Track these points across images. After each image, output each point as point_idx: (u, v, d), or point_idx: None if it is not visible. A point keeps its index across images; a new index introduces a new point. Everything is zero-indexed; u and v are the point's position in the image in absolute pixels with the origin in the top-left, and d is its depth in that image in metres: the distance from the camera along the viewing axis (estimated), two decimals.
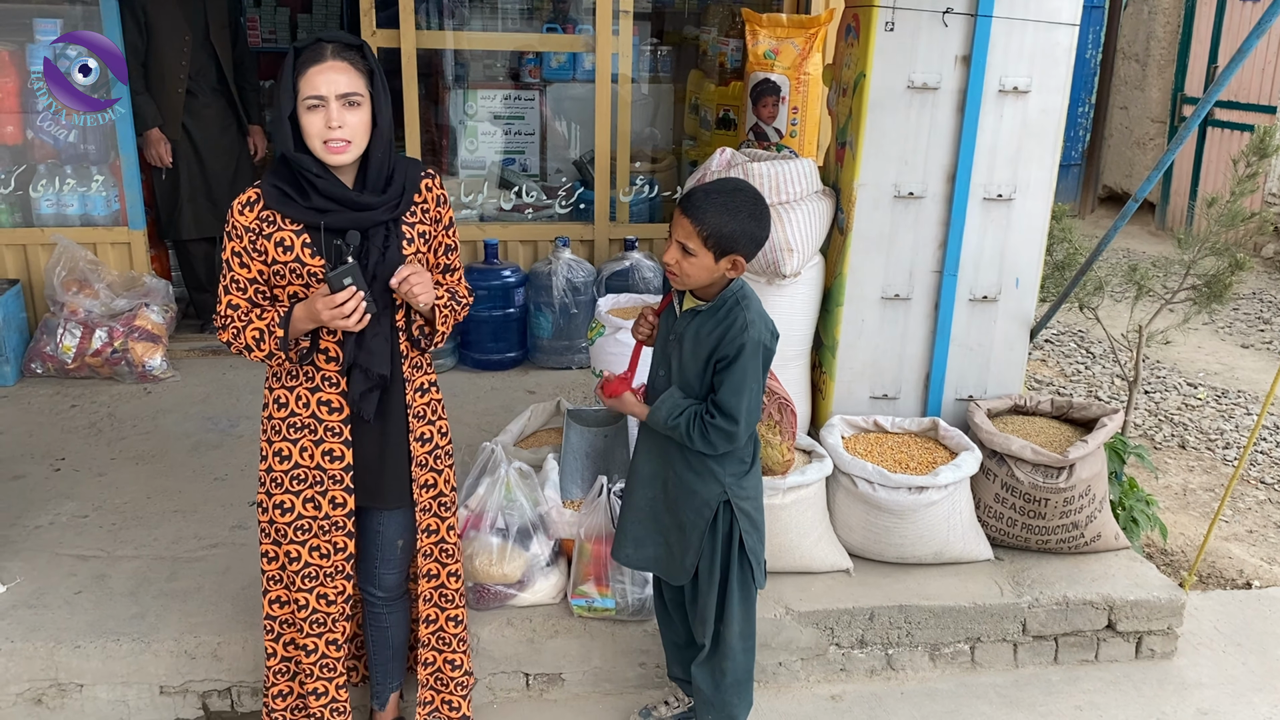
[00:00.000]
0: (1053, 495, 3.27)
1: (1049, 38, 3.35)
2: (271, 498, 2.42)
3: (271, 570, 2.52)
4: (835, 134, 3.66)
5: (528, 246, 5.31)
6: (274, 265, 2.25)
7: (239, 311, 2.29)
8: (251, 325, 2.28)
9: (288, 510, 2.42)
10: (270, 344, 2.27)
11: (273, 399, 2.38)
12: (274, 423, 2.39)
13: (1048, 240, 3.57)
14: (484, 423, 4.34)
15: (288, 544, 2.44)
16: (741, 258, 2.34)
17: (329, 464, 2.39)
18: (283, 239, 2.24)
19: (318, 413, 2.36)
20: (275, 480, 2.41)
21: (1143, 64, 10.20)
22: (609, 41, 5.13)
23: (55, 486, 3.73)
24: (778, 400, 2.54)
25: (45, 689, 2.87)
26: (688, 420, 2.38)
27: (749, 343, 2.34)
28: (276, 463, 2.40)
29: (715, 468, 2.45)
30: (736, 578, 2.54)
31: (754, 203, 2.34)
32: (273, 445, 2.39)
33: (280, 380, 2.37)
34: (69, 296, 4.67)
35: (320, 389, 2.35)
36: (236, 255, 2.26)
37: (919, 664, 3.20)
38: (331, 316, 2.19)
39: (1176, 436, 5.17)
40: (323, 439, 2.38)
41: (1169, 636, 3.30)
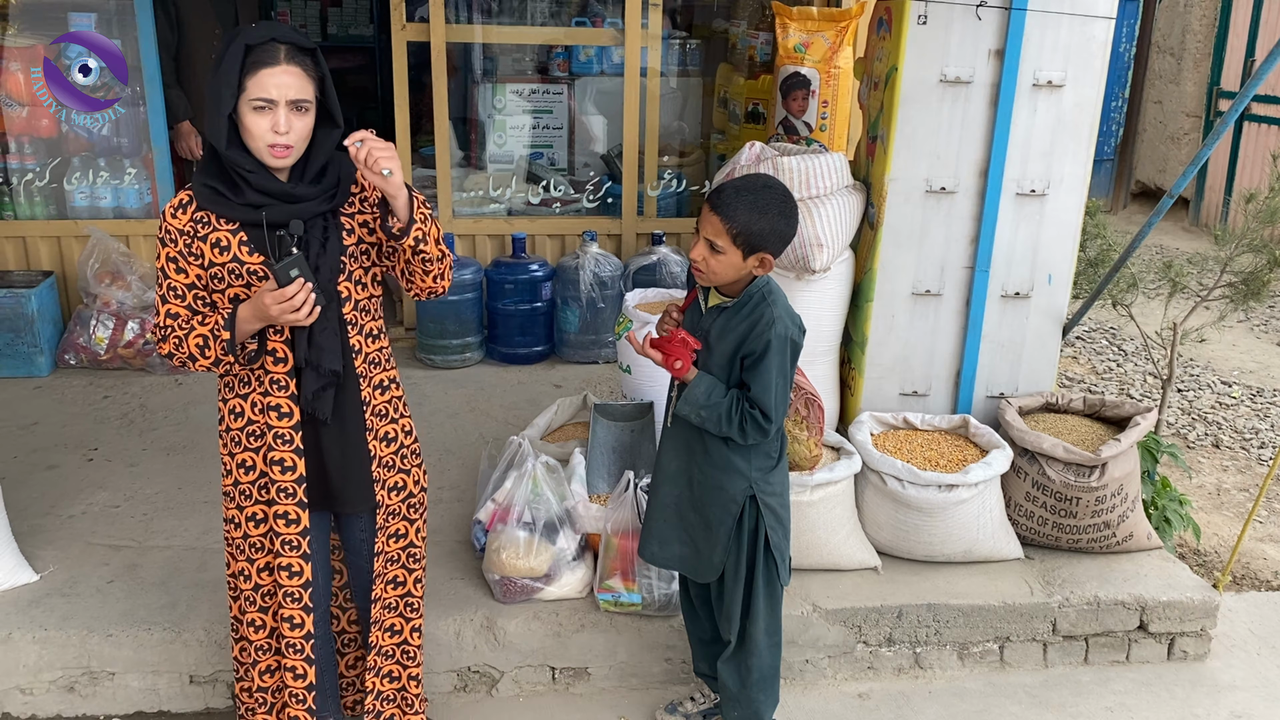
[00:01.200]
0: (1084, 494, 3.23)
1: (1084, 31, 3.30)
2: (243, 511, 2.32)
3: (246, 589, 2.39)
4: (866, 128, 3.63)
5: (555, 241, 5.31)
6: (211, 268, 2.16)
7: (179, 320, 2.18)
8: (194, 333, 2.16)
9: (261, 521, 2.32)
10: (216, 350, 2.15)
11: (228, 409, 2.28)
12: (233, 434, 2.28)
13: (1080, 236, 3.53)
14: (510, 416, 4.35)
15: (264, 557, 2.35)
16: (770, 255, 2.32)
17: (278, 474, 2.26)
18: (218, 239, 2.14)
19: (269, 420, 2.24)
20: (244, 493, 2.30)
21: (1178, 58, 10.06)
22: (638, 35, 5.12)
23: (88, 476, 3.78)
24: (804, 395, 2.52)
25: (78, 677, 2.90)
26: (730, 402, 2.35)
27: (775, 338, 2.32)
28: (242, 474, 2.29)
29: (741, 463, 2.44)
30: (762, 574, 2.53)
31: (783, 200, 2.32)
32: (235, 457, 2.29)
33: (233, 389, 2.27)
34: (102, 288, 4.72)
35: (270, 393, 2.23)
36: (172, 261, 2.15)
37: (947, 663, 3.18)
38: (281, 311, 2.09)
39: (1210, 435, 5.10)
40: (272, 448, 2.25)
41: (1202, 638, 3.25)
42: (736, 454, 2.43)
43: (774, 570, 2.53)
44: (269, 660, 2.46)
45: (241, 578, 2.39)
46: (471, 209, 5.32)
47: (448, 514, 3.53)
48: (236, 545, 2.38)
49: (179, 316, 2.18)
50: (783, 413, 2.39)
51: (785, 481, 2.53)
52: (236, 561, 2.39)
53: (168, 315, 2.19)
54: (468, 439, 4.14)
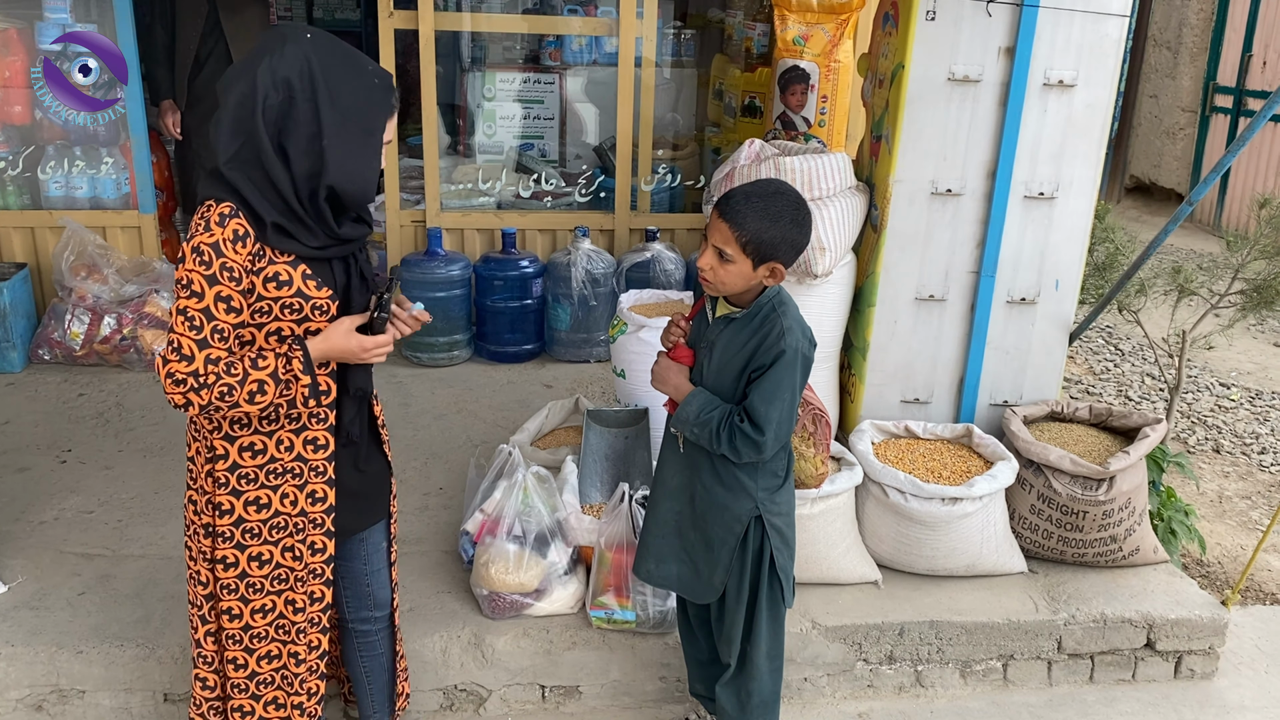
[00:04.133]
0: (1091, 508, 3.14)
1: (1097, 29, 3.19)
2: (245, 550, 2.17)
3: (233, 629, 2.24)
4: (870, 127, 3.52)
5: (546, 235, 5.18)
6: (259, 302, 2.00)
7: (220, 365, 1.95)
8: (249, 379, 1.97)
9: (265, 562, 2.19)
10: (275, 394, 2.00)
11: (237, 447, 2.10)
12: (244, 470, 2.11)
13: (1089, 240, 3.42)
14: (499, 418, 4.23)
15: (262, 598, 2.22)
16: (781, 265, 2.21)
17: (311, 507, 2.18)
18: (276, 273, 1.99)
19: (303, 454, 2.14)
20: (249, 531, 2.16)
21: (1174, 52, 9.96)
22: (633, 24, 4.98)
23: (61, 479, 3.64)
24: (812, 411, 2.41)
25: (46, 695, 2.78)
26: (720, 418, 2.24)
27: (787, 350, 2.21)
28: (251, 512, 2.14)
29: (747, 481, 2.33)
30: (765, 596, 2.42)
31: (796, 208, 2.20)
32: (241, 496, 2.13)
33: (249, 426, 2.10)
34: (77, 281, 4.57)
35: (307, 428, 2.13)
36: (224, 300, 1.94)
37: (949, 681, 3.08)
38: (373, 356, 2.09)
39: (1210, 440, 5.02)
40: (307, 481, 2.16)
41: (1210, 656, 3.17)
42: (743, 471, 2.32)
43: (778, 592, 2.42)
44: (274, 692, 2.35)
45: (228, 616, 2.23)
46: (460, 202, 5.19)
47: (434, 522, 3.42)
48: (226, 587, 2.20)
49: (220, 361, 1.96)
50: (785, 431, 2.27)
51: (792, 501, 2.42)
52: (225, 600, 2.22)
53: (208, 361, 1.94)
54: (455, 441, 4.01)
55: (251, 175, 1.96)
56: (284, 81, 1.92)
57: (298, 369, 2.02)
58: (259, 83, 1.92)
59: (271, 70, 1.92)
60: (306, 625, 2.28)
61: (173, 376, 1.93)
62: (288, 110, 1.94)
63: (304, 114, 1.94)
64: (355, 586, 2.40)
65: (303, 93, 1.93)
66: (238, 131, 1.95)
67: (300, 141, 1.95)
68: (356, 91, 1.98)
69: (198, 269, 1.93)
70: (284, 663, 2.31)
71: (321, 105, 1.94)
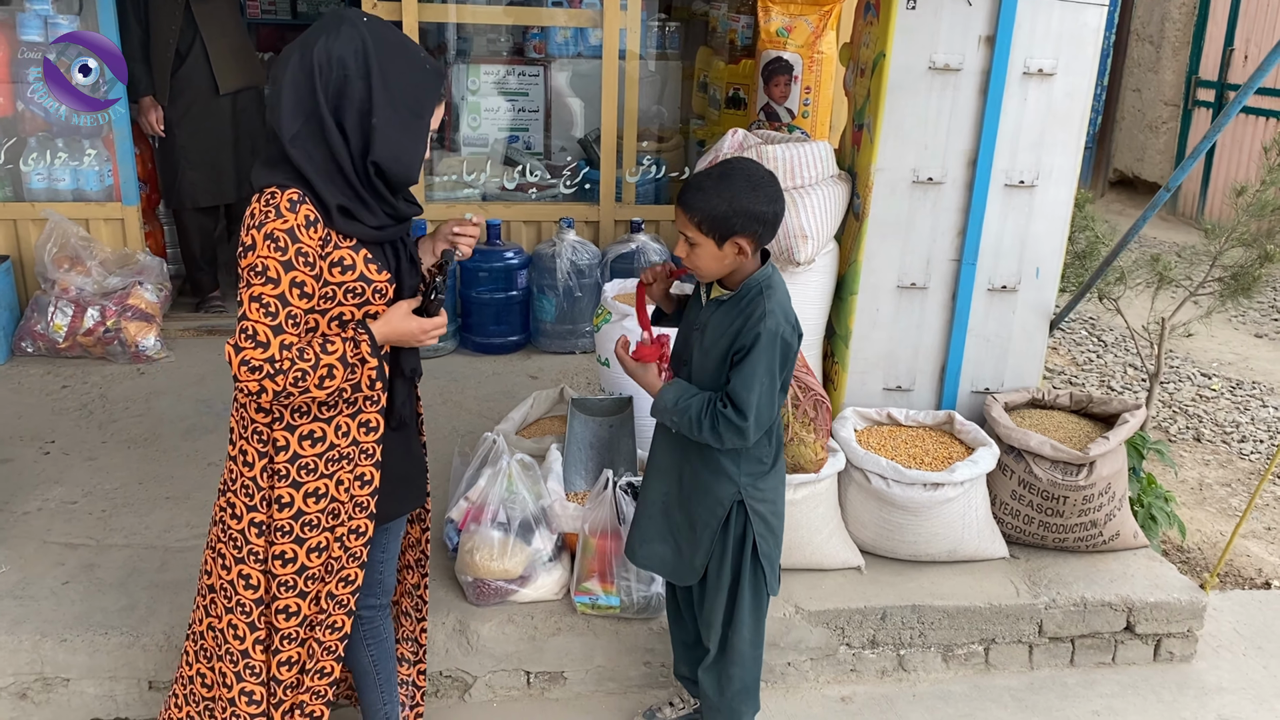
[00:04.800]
0: (1072, 493, 3.17)
1: (1077, 18, 3.22)
2: (304, 544, 2.15)
3: (289, 628, 2.21)
4: (852, 116, 3.54)
5: (531, 227, 5.19)
6: (325, 287, 2.02)
7: (293, 351, 1.96)
8: (320, 363, 1.98)
9: (323, 551, 2.18)
10: (342, 378, 2.01)
11: (297, 436, 2.09)
12: (305, 460, 2.10)
13: (1070, 229, 3.45)
14: (484, 408, 4.24)
15: (317, 586, 2.20)
16: (746, 240, 2.20)
17: (359, 491, 2.18)
18: (341, 258, 2.02)
19: (357, 437, 2.15)
20: (309, 523, 2.14)
21: (1157, 46, 10.02)
22: (617, 16, 4.99)
23: (44, 470, 3.63)
24: (814, 397, 2.42)
25: (30, 683, 2.78)
26: (700, 405, 2.24)
27: (764, 333, 2.21)
28: (310, 504, 2.13)
29: (730, 466, 2.34)
30: (748, 582, 2.43)
31: (748, 178, 2.20)
32: (302, 487, 2.11)
33: (308, 414, 2.09)
34: (60, 274, 4.56)
35: (362, 410, 2.14)
36: (298, 286, 1.95)
37: (932, 665, 3.11)
38: (430, 338, 2.13)
39: (1191, 429, 5.07)
40: (358, 465, 2.17)
41: (1189, 639, 3.21)
42: (725, 457, 2.33)
43: (761, 579, 2.44)
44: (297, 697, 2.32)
45: (285, 614, 2.20)
46: (445, 193, 5.19)
47: None
48: (283, 583, 2.17)
49: (292, 346, 1.96)
50: (767, 415, 2.27)
51: (779, 489, 2.43)
52: (283, 597, 2.18)
53: (282, 347, 1.94)
54: (440, 432, 4.02)
55: (314, 155, 1.98)
56: (339, 60, 1.95)
57: (365, 352, 2.04)
58: (316, 61, 1.95)
59: (327, 49, 1.95)
60: (334, 608, 2.26)
61: (248, 363, 1.93)
62: (342, 88, 1.96)
63: (357, 91, 1.97)
64: (369, 573, 2.35)
65: (357, 71, 1.96)
66: (298, 111, 1.97)
67: (353, 119, 1.98)
68: (408, 74, 2.01)
69: (273, 255, 1.93)
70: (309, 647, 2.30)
71: (374, 84, 1.97)
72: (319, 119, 1.96)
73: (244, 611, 2.18)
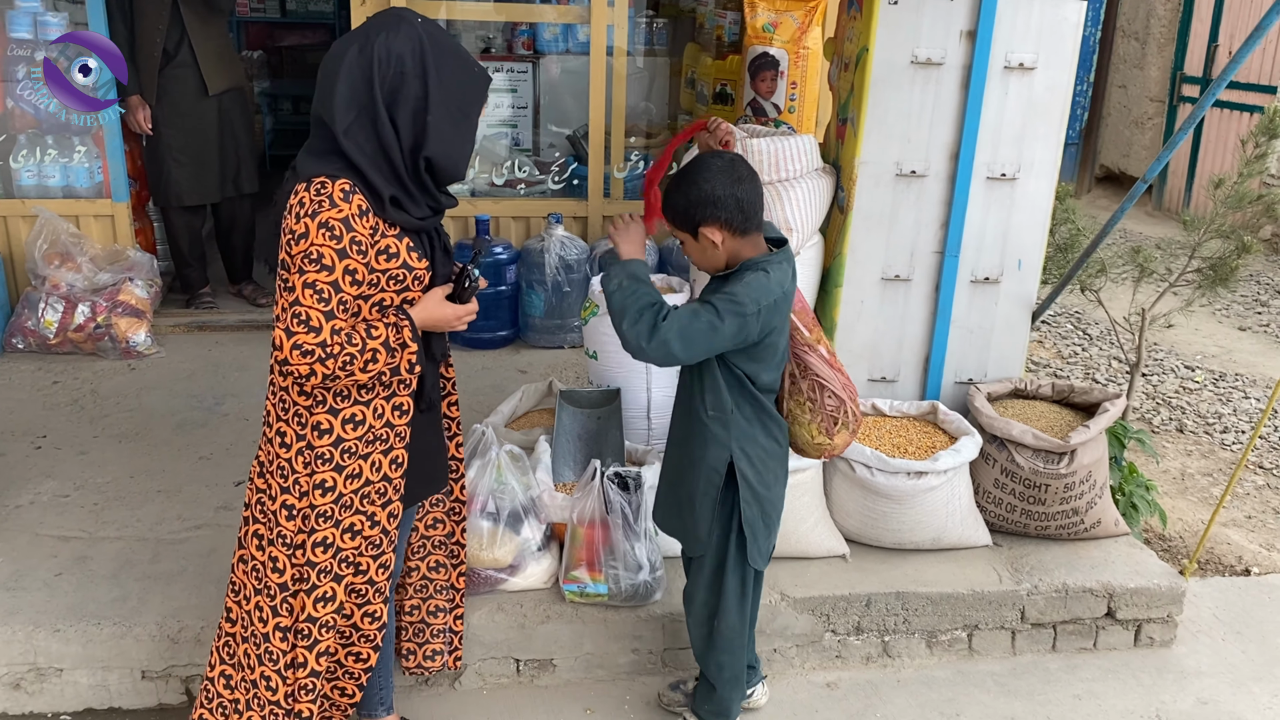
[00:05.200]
0: (1053, 481, 3.21)
1: (1057, 13, 3.26)
2: (340, 525, 2.20)
3: (325, 614, 2.25)
4: (836, 110, 3.58)
5: (520, 223, 5.22)
6: (369, 275, 2.08)
7: (342, 336, 2.03)
8: (366, 348, 2.06)
9: (357, 533, 2.24)
10: (384, 362, 2.08)
11: (340, 420, 2.15)
12: (347, 443, 2.16)
13: (1052, 222, 3.50)
14: (475, 402, 4.26)
15: (349, 571, 2.26)
16: (713, 227, 2.27)
17: (392, 472, 2.25)
18: (386, 245, 2.08)
19: (391, 420, 2.21)
20: (346, 505, 2.20)
21: (1142, 42, 10.09)
22: (604, 13, 5.02)
23: (36, 465, 3.66)
24: (812, 379, 2.46)
25: (24, 673, 2.81)
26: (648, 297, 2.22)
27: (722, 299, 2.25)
28: (349, 485, 2.19)
29: (721, 433, 2.40)
30: (734, 559, 2.50)
31: (706, 168, 2.27)
32: (344, 470, 2.17)
33: (349, 397, 2.15)
34: (51, 270, 4.57)
35: (396, 394, 2.21)
36: (351, 273, 2.02)
37: (916, 651, 3.15)
38: (462, 324, 2.21)
39: (1174, 420, 5.13)
40: (392, 447, 2.23)
41: (1168, 624, 3.26)
42: (716, 424, 2.39)
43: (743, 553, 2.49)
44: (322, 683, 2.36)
45: (322, 602, 2.24)
46: None
47: None
48: (322, 570, 2.21)
49: (341, 331, 2.03)
50: (692, 350, 2.23)
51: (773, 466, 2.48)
52: (320, 584, 2.23)
53: (333, 332, 2.02)
54: None
55: (365, 147, 2.03)
56: (398, 57, 2.01)
57: (407, 336, 2.11)
58: (375, 57, 2.01)
59: (387, 46, 2.01)
60: (374, 595, 2.32)
61: (300, 348, 1.99)
62: (399, 84, 2.02)
63: (413, 89, 2.03)
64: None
65: (413, 69, 2.02)
66: (352, 103, 2.02)
67: (406, 114, 2.04)
68: (460, 75, 2.09)
69: (328, 243, 1.99)
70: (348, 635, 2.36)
71: (430, 82, 2.04)
72: (373, 112, 2.02)
73: (269, 595, 2.23)
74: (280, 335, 2.00)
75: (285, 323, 2.00)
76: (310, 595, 2.22)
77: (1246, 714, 2.99)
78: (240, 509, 2.38)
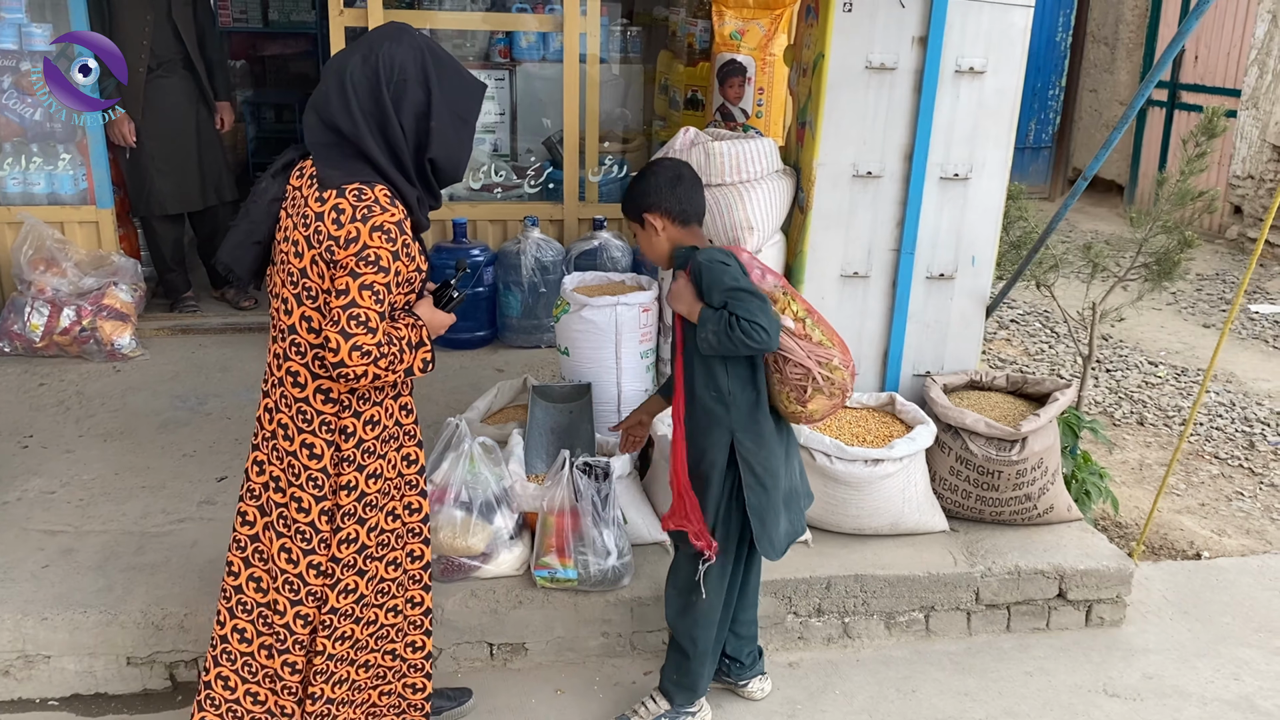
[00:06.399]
0: (1005, 468, 3.35)
1: (1004, 19, 3.40)
2: (365, 524, 2.31)
3: (346, 605, 2.35)
4: (796, 114, 3.72)
5: (497, 226, 5.34)
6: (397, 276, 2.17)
7: (386, 335, 2.14)
8: (400, 347, 2.16)
9: (381, 530, 2.36)
10: (412, 359, 2.19)
11: (363, 421, 2.25)
12: (366, 444, 2.26)
13: (1005, 220, 3.64)
14: (452, 400, 4.38)
15: (373, 564, 2.38)
16: (653, 215, 2.53)
17: (407, 469, 2.37)
18: (412, 250, 2.20)
19: (400, 419, 2.33)
20: (370, 503, 2.31)
21: (1112, 47, 10.29)
22: (576, 21, 5.16)
23: (23, 463, 3.75)
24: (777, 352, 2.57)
25: (12, 660, 2.90)
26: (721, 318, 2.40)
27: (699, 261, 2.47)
28: (371, 485, 2.29)
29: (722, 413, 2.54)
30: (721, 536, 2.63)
31: (654, 168, 2.57)
32: (365, 470, 2.27)
33: (367, 399, 2.25)
34: (36, 275, 4.67)
35: (401, 394, 2.33)
36: (398, 275, 2.14)
37: (875, 632, 3.28)
38: (445, 330, 2.31)
39: (1136, 413, 5.27)
40: (403, 445, 2.35)
41: (1118, 605, 3.39)
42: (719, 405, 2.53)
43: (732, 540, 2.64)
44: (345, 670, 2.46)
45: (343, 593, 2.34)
46: None
47: None
48: (345, 565, 2.32)
49: (385, 331, 2.12)
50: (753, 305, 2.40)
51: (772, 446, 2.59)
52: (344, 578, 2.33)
53: (384, 332, 2.12)
54: None
55: (383, 151, 2.15)
56: (401, 65, 2.13)
57: (424, 336, 2.23)
58: (381, 64, 2.12)
59: (391, 55, 2.13)
60: (408, 581, 2.45)
61: (359, 348, 2.07)
62: (403, 91, 2.14)
63: (416, 95, 2.14)
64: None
65: (416, 77, 2.14)
66: (360, 110, 2.13)
67: (410, 119, 2.15)
68: (456, 82, 2.20)
69: (385, 246, 2.09)
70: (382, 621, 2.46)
71: (433, 89, 2.15)
72: (381, 117, 2.13)
73: (315, 599, 2.31)
74: (336, 338, 2.05)
75: (341, 325, 2.05)
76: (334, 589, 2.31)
77: (1189, 687, 3.13)
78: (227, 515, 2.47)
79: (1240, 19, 8.80)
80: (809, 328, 2.52)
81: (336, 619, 2.36)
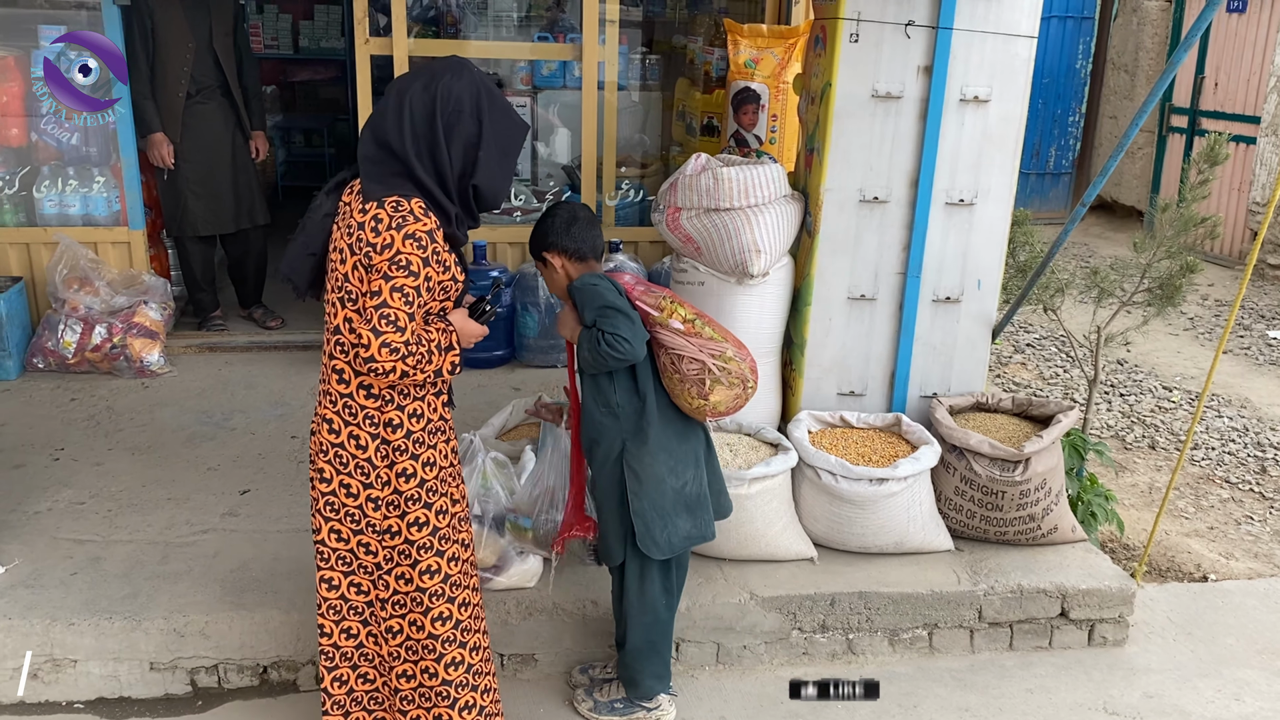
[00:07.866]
0: (1009, 488, 3.40)
1: (1008, 49, 3.49)
2: (431, 507, 2.45)
3: (434, 585, 2.49)
4: (804, 140, 3.81)
5: (516, 249, 5.46)
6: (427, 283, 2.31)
7: (416, 336, 2.28)
8: (429, 348, 2.31)
9: (446, 513, 2.49)
10: (441, 361, 2.35)
11: (408, 414, 2.39)
12: (416, 435, 2.41)
13: (1012, 244, 3.70)
14: (469, 417, 4.47)
15: (450, 546, 2.51)
16: (550, 254, 2.73)
17: (455, 460, 2.54)
18: (443, 259, 2.33)
19: (443, 414, 2.49)
20: (431, 489, 2.45)
21: (1131, 74, 10.34)
22: (595, 50, 5.28)
23: (54, 475, 3.88)
24: (669, 353, 2.68)
25: (41, 664, 3.01)
26: (590, 336, 2.61)
27: (574, 289, 2.67)
28: (429, 472, 2.44)
29: (610, 422, 2.72)
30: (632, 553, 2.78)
31: (552, 213, 2.75)
32: (419, 458, 2.41)
33: (408, 395, 2.39)
34: (70, 294, 4.83)
35: (441, 392, 2.48)
36: (427, 280, 2.28)
37: (878, 648, 3.33)
38: (476, 340, 2.47)
39: (1148, 437, 5.30)
40: (450, 438, 2.52)
41: (1120, 624, 3.43)
42: (608, 417, 2.70)
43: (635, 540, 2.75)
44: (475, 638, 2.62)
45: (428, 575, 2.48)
46: None
47: None
48: (424, 546, 2.45)
49: (415, 332, 2.28)
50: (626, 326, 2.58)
51: (653, 452, 2.71)
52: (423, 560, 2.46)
53: (413, 332, 2.27)
54: None
55: (429, 171, 2.32)
56: (458, 97, 2.30)
57: (454, 340, 2.39)
58: (439, 96, 2.30)
59: (449, 87, 2.31)
60: (470, 569, 2.60)
61: (389, 345, 2.23)
62: (455, 121, 2.31)
63: (468, 126, 2.32)
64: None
65: (470, 111, 2.31)
66: (415, 134, 2.31)
67: (459, 147, 2.33)
68: (505, 120, 2.39)
69: (416, 252, 2.25)
70: (475, 605, 2.62)
71: (484, 123, 2.33)
72: (432, 141, 2.31)
73: (365, 572, 2.49)
74: (368, 335, 2.23)
75: (373, 323, 2.23)
76: (416, 568, 2.46)
77: (1190, 707, 3.16)
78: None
79: (1260, 46, 8.84)
80: (699, 327, 2.68)
81: (433, 601, 2.49)
